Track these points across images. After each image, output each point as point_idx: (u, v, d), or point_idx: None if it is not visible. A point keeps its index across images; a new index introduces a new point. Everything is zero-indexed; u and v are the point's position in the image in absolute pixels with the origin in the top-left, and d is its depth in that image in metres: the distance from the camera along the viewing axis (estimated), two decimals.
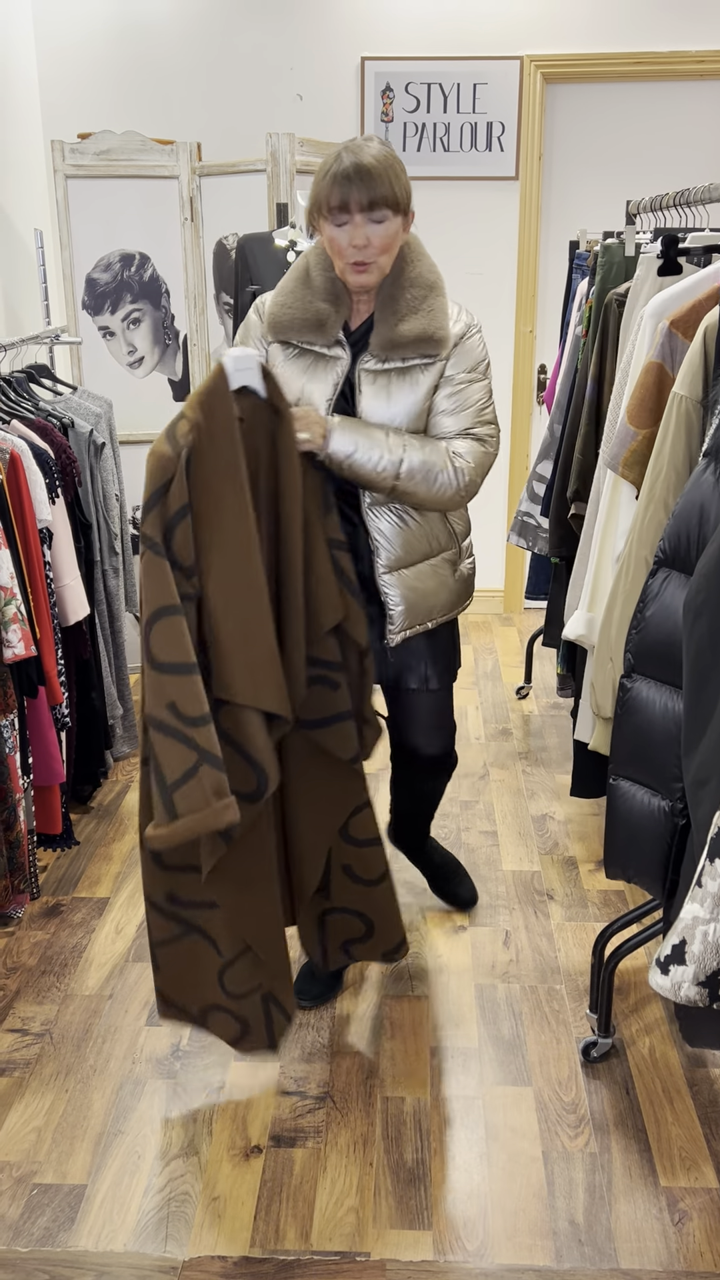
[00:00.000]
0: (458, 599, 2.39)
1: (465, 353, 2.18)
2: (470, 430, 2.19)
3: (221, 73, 4.90)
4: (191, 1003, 2.16)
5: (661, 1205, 1.97)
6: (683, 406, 2.00)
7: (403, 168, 2.08)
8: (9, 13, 4.65)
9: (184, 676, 1.79)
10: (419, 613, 2.31)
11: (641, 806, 1.84)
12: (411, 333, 2.12)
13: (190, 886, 2.03)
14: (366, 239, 2.05)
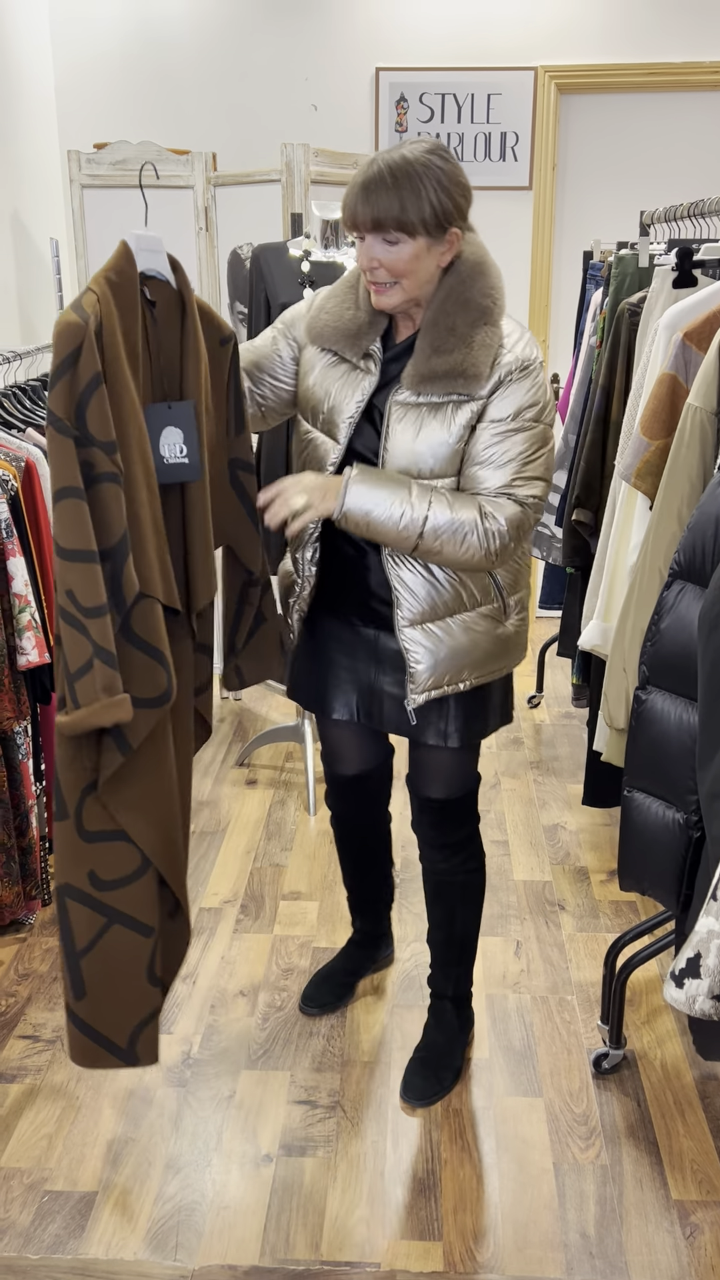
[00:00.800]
0: (499, 659, 2.08)
1: (512, 394, 1.87)
2: (510, 488, 1.89)
3: (237, 83, 4.92)
4: (118, 1030, 1.90)
5: (673, 1218, 1.96)
6: (697, 418, 2.00)
7: (446, 181, 1.81)
8: (26, 23, 4.68)
9: (82, 564, 1.67)
10: (446, 672, 2.03)
11: (656, 819, 1.83)
12: (444, 367, 1.87)
13: (113, 859, 1.82)
14: (376, 261, 1.85)
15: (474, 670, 2.05)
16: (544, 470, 1.93)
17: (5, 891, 2.67)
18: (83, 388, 1.67)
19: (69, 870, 1.81)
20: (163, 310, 1.81)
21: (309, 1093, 2.26)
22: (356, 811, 2.44)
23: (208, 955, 2.70)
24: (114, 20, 4.89)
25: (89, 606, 1.68)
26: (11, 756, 2.65)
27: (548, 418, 1.93)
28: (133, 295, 1.74)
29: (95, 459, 1.68)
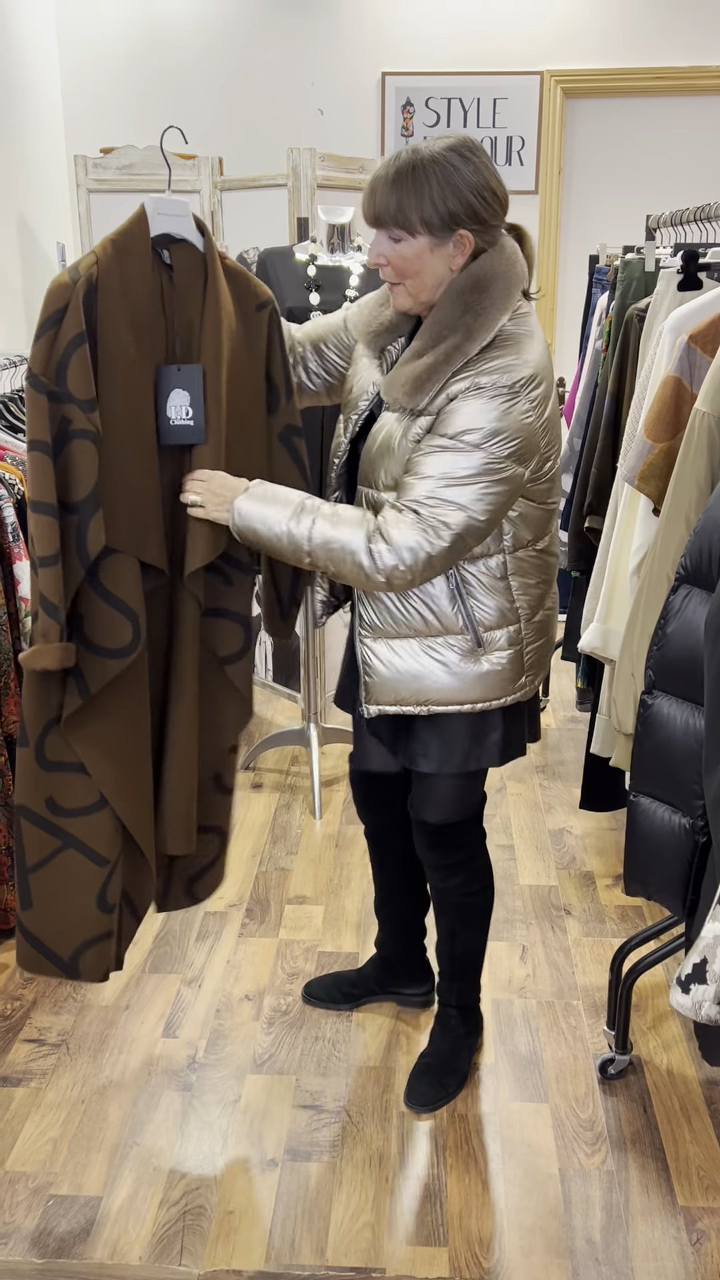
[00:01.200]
0: (466, 693, 1.97)
1: (458, 412, 1.77)
2: (420, 504, 1.77)
3: (243, 87, 4.93)
4: (63, 944, 1.97)
5: (679, 1225, 1.95)
6: (704, 423, 2.00)
7: (456, 177, 1.75)
8: (33, 28, 4.69)
9: (40, 515, 1.74)
10: (397, 692, 1.98)
11: (662, 823, 1.83)
12: (406, 377, 1.82)
13: (71, 790, 1.89)
14: (381, 257, 1.82)
15: (434, 698, 1.98)
16: (471, 500, 1.77)
17: (11, 895, 2.67)
18: (64, 346, 1.71)
19: (26, 794, 1.90)
20: (183, 273, 1.83)
21: (314, 1097, 2.25)
22: (372, 814, 2.39)
23: (213, 959, 2.70)
24: (120, 25, 4.91)
25: (42, 555, 1.75)
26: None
27: (499, 447, 1.76)
28: (142, 257, 1.76)
29: (72, 415, 1.72)
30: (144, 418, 1.80)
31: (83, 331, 1.71)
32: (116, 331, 1.75)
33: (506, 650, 1.98)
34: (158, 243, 1.80)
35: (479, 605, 1.94)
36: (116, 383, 1.76)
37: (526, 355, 1.80)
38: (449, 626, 1.94)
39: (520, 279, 1.85)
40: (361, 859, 3.16)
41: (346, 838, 3.29)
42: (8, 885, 2.66)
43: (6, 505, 2.53)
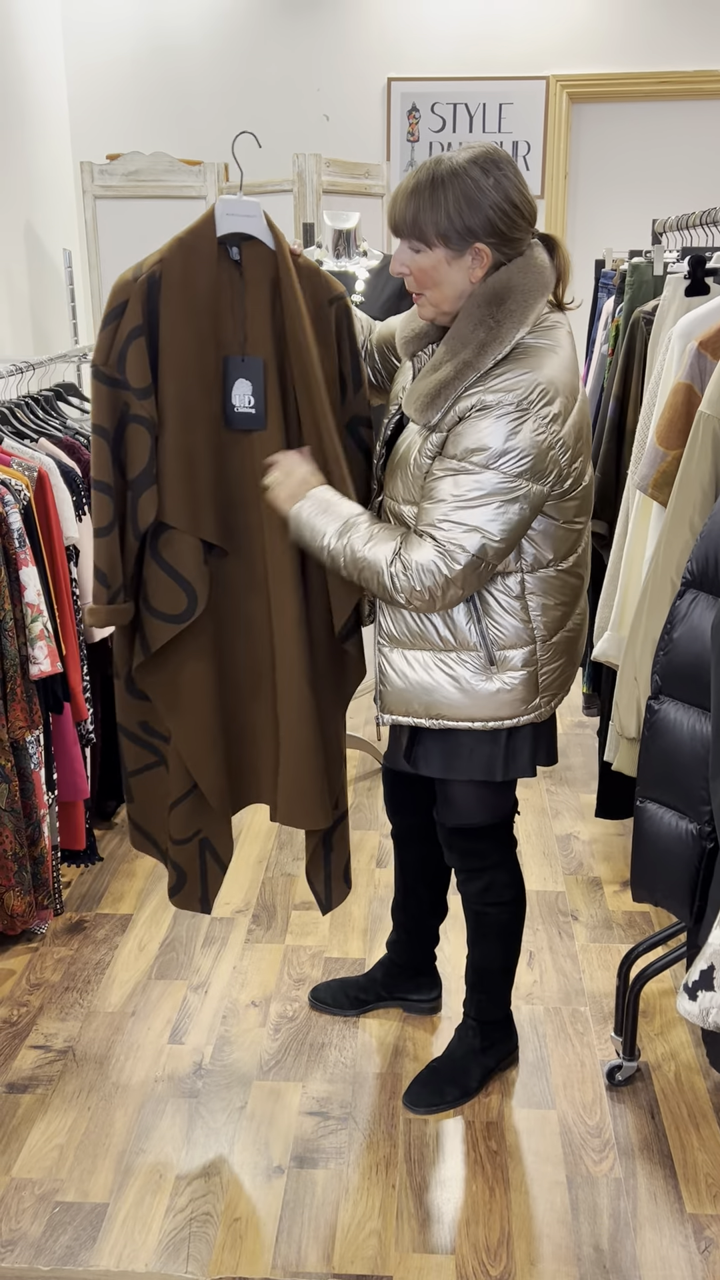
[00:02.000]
0: (474, 710, 1.97)
1: (466, 432, 1.77)
2: (434, 528, 1.79)
3: (249, 94, 4.94)
4: (160, 836, 2.26)
5: (687, 1233, 1.94)
6: (709, 426, 2.00)
7: (475, 190, 1.74)
8: (39, 36, 4.71)
9: (96, 492, 1.95)
10: (408, 704, 2.00)
11: (668, 829, 1.82)
12: (419, 392, 1.83)
13: (158, 718, 2.15)
14: (404, 265, 1.83)
15: (445, 713, 1.98)
16: (485, 521, 1.76)
17: (17, 901, 2.67)
18: (124, 338, 1.87)
19: (123, 715, 2.19)
20: (252, 270, 1.92)
21: (321, 1104, 2.25)
22: (397, 814, 2.39)
23: (219, 966, 2.70)
24: (126, 33, 4.92)
25: (98, 528, 1.97)
26: (24, 766, 2.66)
27: (510, 466, 1.75)
28: (208, 253, 1.88)
29: (130, 401, 1.90)
30: (208, 404, 1.94)
31: (140, 325, 1.86)
32: (178, 324, 1.87)
33: (520, 671, 1.96)
34: (229, 240, 1.89)
35: (494, 624, 1.93)
36: (178, 372, 1.89)
37: (542, 371, 1.77)
38: (463, 642, 1.94)
39: (543, 290, 1.83)
40: (368, 865, 3.16)
41: (354, 843, 3.28)
42: (12, 891, 2.66)
43: (13, 511, 2.53)
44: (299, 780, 2.12)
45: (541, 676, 1.99)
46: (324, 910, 2.31)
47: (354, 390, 2.04)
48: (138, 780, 2.23)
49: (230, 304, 1.91)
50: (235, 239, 1.89)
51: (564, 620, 1.99)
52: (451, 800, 2.14)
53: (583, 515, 1.94)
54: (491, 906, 2.21)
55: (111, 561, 1.97)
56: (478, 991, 2.29)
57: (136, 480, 1.93)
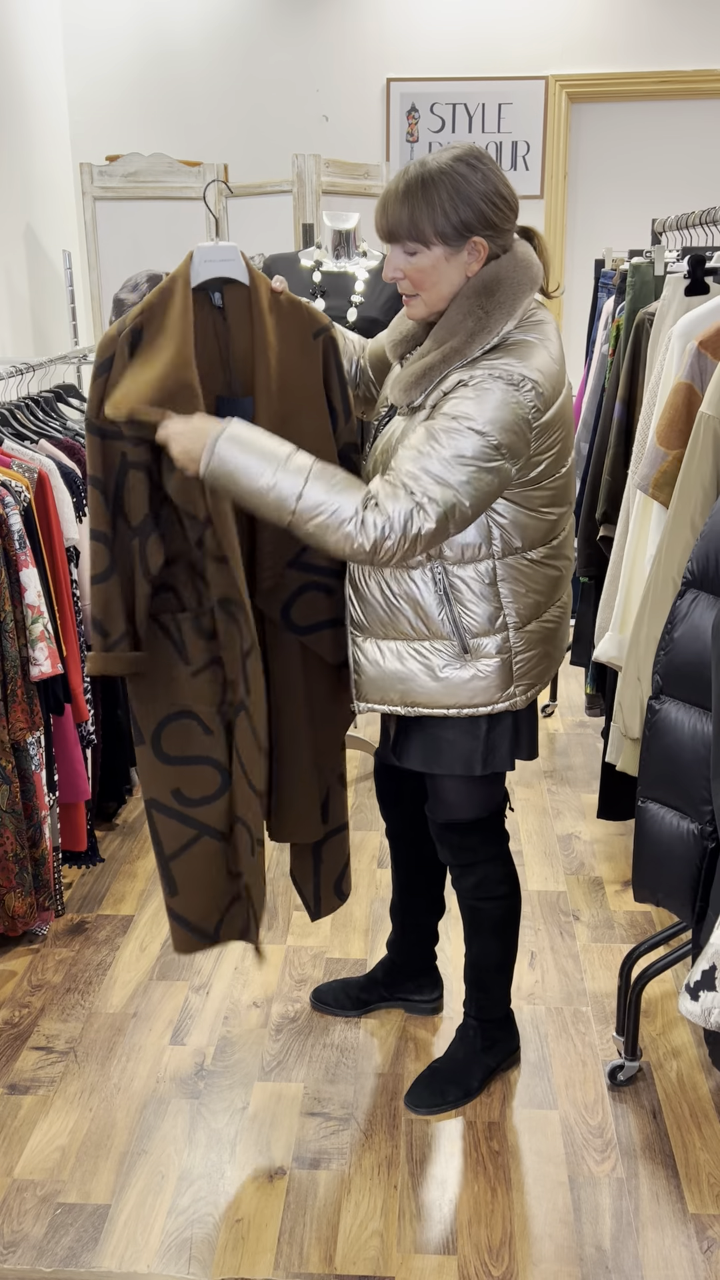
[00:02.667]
0: (450, 697, 1.97)
1: (449, 404, 1.77)
2: (407, 480, 1.74)
3: (248, 95, 4.94)
4: (207, 918, 2.16)
5: (690, 1232, 1.94)
6: (710, 426, 2.00)
7: (468, 189, 1.76)
8: (39, 37, 4.71)
9: (92, 541, 1.96)
10: (383, 692, 2.00)
11: (670, 829, 1.82)
12: (406, 378, 1.85)
13: (194, 781, 2.07)
14: (398, 270, 1.84)
15: (420, 700, 1.98)
16: (460, 483, 1.73)
17: (18, 903, 2.67)
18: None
19: (154, 789, 2.09)
20: (234, 312, 1.95)
21: (323, 1105, 2.25)
22: (388, 809, 2.39)
23: (221, 966, 2.70)
24: (126, 34, 4.92)
25: (93, 575, 1.98)
26: (25, 767, 2.66)
27: (492, 435, 1.74)
28: (186, 301, 1.90)
29: (126, 450, 1.91)
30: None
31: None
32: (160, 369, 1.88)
33: (494, 659, 1.96)
34: (210, 286, 1.93)
35: (465, 611, 1.92)
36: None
37: (529, 362, 1.78)
38: (436, 631, 1.94)
39: (532, 283, 1.84)
40: (369, 865, 3.16)
41: (354, 844, 3.28)
42: (14, 893, 2.66)
43: (13, 512, 2.53)
44: (287, 797, 2.14)
45: (516, 665, 1.99)
46: (313, 917, 2.34)
47: (344, 420, 2.03)
48: (180, 863, 2.10)
49: (217, 348, 1.95)
50: (216, 284, 1.93)
51: (538, 610, 1.99)
52: (440, 795, 2.15)
53: (555, 507, 1.93)
54: (485, 901, 2.22)
55: (108, 609, 1.97)
56: (477, 989, 2.29)
57: (141, 525, 1.94)
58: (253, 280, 1.93)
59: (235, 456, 1.74)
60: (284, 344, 1.94)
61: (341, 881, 2.33)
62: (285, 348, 1.94)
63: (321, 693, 2.15)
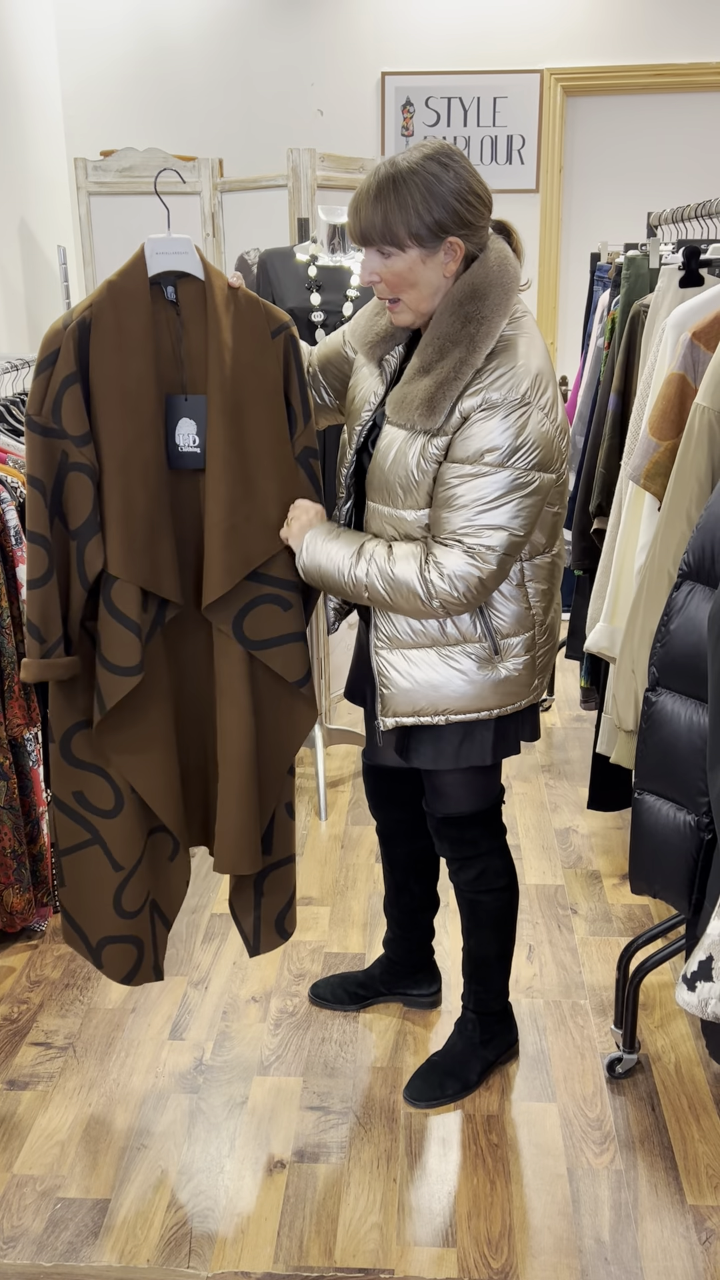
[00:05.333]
0: (483, 700, 1.98)
1: (475, 434, 1.77)
2: (460, 535, 1.80)
3: (243, 89, 4.93)
4: (91, 930, 2.09)
5: (688, 1224, 1.95)
6: (705, 418, 2.00)
7: (438, 185, 1.74)
8: (33, 32, 4.70)
9: (30, 544, 1.90)
10: (415, 703, 1.99)
11: (666, 821, 1.82)
12: (416, 397, 1.81)
13: (95, 789, 2.02)
14: (374, 274, 1.81)
15: (450, 707, 1.98)
16: (508, 519, 1.79)
17: (16, 899, 2.67)
18: (57, 386, 1.84)
19: (58, 786, 2.05)
20: (188, 307, 1.89)
21: (322, 1099, 2.25)
22: (382, 811, 2.38)
23: (219, 961, 2.70)
24: (120, 29, 4.91)
25: (30, 579, 1.91)
26: (22, 763, 2.66)
27: (523, 461, 1.77)
28: (139, 295, 1.84)
29: (68, 450, 1.85)
30: (148, 446, 1.87)
31: (75, 371, 1.83)
32: (111, 367, 1.83)
33: (523, 656, 1.99)
34: (164, 279, 1.87)
35: (496, 614, 1.94)
36: (117, 415, 1.84)
37: (529, 360, 1.79)
38: (466, 635, 1.95)
39: (515, 281, 1.84)
40: (367, 860, 3.16)
41: (352, 838, 3.29)
42: (12, 889, 2.66)
43: (9, 508, 2.53)
44: (226, 823, 2.04)
45: (538, 659, 2.03)
46: (250, 953, 2.20)
47: (303, 422, 1.97)
48: (71, 860, 2.07)
49: (170, 344, 1.89)
50: (170, 278, 1.87)
51: (552, 602, 2.04)
52: (440, 790, 2.14)
53: (563, 500, 1.97)
54: (485, 894, 2.22)
55: (45, 614, 1.90)
56: (475, 982, 2.29)
57: (80, 529, 1.87)
58: (207, 275, 1.87)
59: (319, 549, 1.89)
60: (240, 342, 1.88)
61: (284, 918, 2.19)
62: (241, 346, 1.88)
63: (270, 714, 2.05)
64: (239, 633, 1.97)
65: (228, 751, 2.01)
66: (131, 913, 2.06)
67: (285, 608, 1.99)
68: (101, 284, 1.85)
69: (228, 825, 2.04)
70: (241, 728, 1.99)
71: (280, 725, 2.07)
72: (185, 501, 1.95)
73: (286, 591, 1.98)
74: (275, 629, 1.98)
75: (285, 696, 2.05)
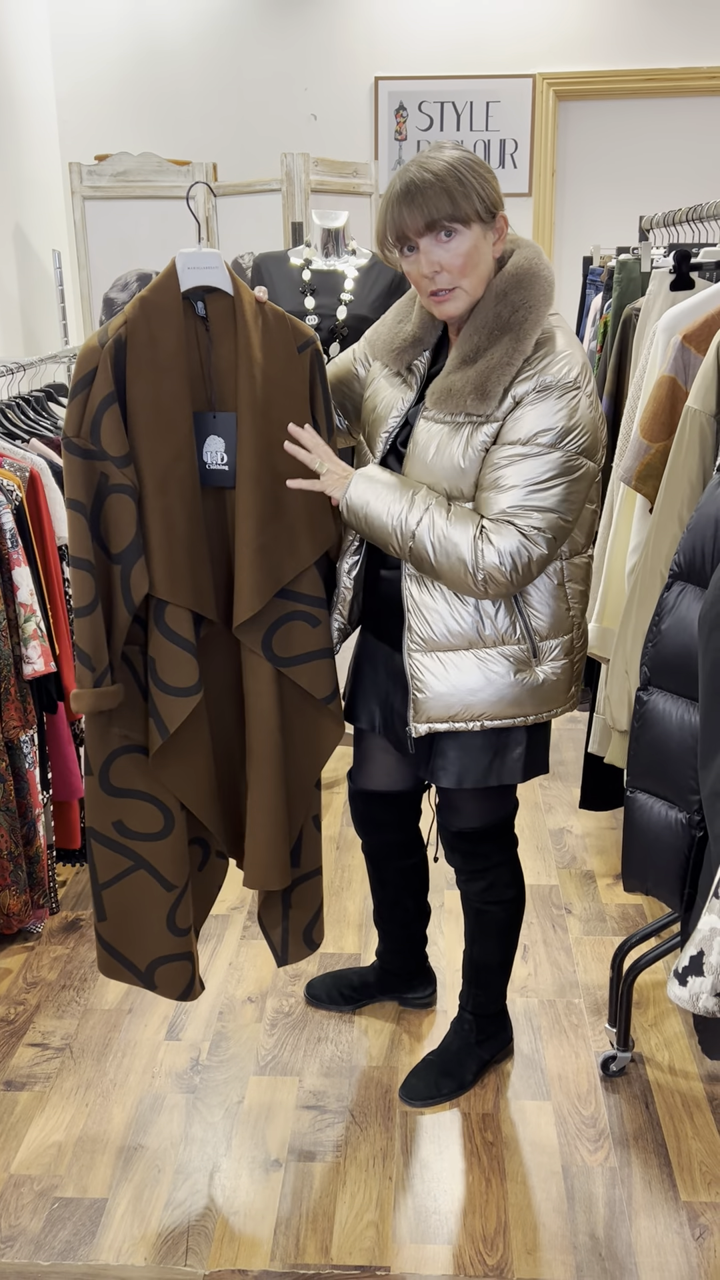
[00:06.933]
0: (520, 706, 1.94)
1: (527, 415, 1.76)
2: (511, 514, 1.77)
3: (237, 94, 4.95)
4: (138, 956, 2.08)
5: (682, 1220, 1.96)
6: (696, 420, 2.01)
7: (482, 171, 1.77)
8: (27, 37, 4.71)
9: (74, 569, 1.86)
10: (449, 708, 1.94)
11: (659, 818, 1.84)
12: (460, 384, 1.80)
13: (138, 815, 2.00)
14: (437, 264, 1.78)
15: (485, 712, 1.94)
16: (557, 502, 1.77)
17: (13, 900, 2.68)
18: (96, 406, 1.80)
19: (95, 818, 2.02)
20: (218, 323, 1.87)
21: (317, 1098, 2.26)
22: (371, 834, 2.37)
23: (215, 962, 2.71)
24: (114, 33, 4.93)
25: (77, 607, 1.88)
26: (18, 765, 2.67)
27: (574, 444, 1.77)
28: (172, 311, 1.82)
29: (109, 471, 1.82)
30: (183, 466, 1.86)
31: (112, 391, 1.80)
32: (147, 385, 1.81)
33: (562, 660, 1.96)
34: (193, 295, 1.85)
35: (535, 614, 1.92)
36: (153, 434, 1.83)
37: (573, 349, 1.81)
38: (504, 637, 1.91)
39: (552, 273, 1.86)
40: (361, 861, 3.17)
41: (347, 840, 3.30)
42: (8, 890, 2.67)
43: (5, 511, 2.54)
44: (256, 840, 2.04)
45: (576, 663, 2.00)
46: (279, 963, 2.22)
47: (327, 436, 1.96)
48: (112, 892, 2.04)
49: (200, 360, 1.87)
50: (199, 292, 1.85)
51: (587, 606, 2.02)
52: (457, 805, 2.13)
53: (599, 496, 1.96)
54: (493, 905, 2.22)
55: (96, 642, 1.87)
56: (475, 986, 2.30)
57: (124, 553, 1.85)
58: (237, 290, 1.85)
59: (368, 489, 1.84)
60: (269, 358, 1.87)
61: (313, 929, 2.21)
62: (270, 362, 1.87)
63: (297, 730, 2.05)
64: (268, 650, 1.96)
65: (257, 771, 2.01)
66: (185, 930, 2.06)
67: (313, 624, 1.99)
68: (134, 299, 1.83)
69: (257, 842, 2.04)
70: (271, 746, 1.99)
71: (307, 741, 2.07)
72: (212, 520, 1.93)
73: (314, 608, 1.98)
74: (303, 645, 1.98)
75: (312, 712, 2.05)
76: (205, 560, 1.91)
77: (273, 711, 1.98)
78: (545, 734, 2.08)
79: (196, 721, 1.97)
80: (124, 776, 1.99)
